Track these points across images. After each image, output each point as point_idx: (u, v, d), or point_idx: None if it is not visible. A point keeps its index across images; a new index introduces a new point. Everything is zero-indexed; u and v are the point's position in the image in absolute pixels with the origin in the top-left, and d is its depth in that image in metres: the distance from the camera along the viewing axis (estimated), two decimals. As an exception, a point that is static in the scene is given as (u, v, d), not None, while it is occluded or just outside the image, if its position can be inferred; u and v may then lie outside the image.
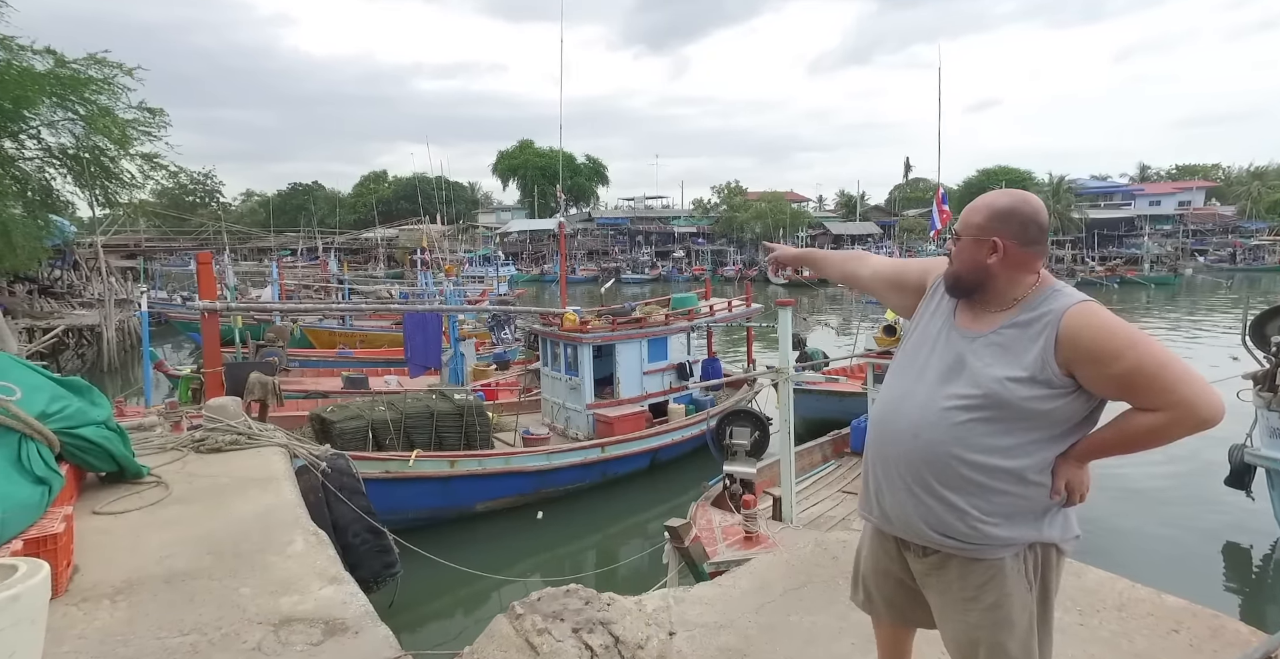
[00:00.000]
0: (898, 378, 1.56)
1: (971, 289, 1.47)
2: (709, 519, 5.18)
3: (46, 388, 3.45)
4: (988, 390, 1.38)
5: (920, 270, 1.69)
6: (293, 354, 13.54)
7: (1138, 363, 1.29)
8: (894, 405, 1.53)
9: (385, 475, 6.41)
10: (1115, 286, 38.40)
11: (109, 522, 3.27)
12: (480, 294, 23.03)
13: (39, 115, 16.90)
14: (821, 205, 71.80)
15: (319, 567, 2.79)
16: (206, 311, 5.62)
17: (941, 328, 1.52)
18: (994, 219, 1.44)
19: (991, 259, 1.43)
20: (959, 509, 1.40)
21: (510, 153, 64.63)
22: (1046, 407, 1.35)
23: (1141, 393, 1.31)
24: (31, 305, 19.24)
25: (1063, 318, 1.35)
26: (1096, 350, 1.31)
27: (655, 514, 8.50)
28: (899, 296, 1.73)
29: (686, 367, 9.97)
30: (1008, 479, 1.38)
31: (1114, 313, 1.38)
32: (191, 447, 4.29)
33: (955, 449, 1.39)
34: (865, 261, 1.88)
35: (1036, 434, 1.38)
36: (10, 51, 16.70)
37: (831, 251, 2.06)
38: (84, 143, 18.01)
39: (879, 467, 1.55)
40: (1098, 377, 1.33)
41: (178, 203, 46.86)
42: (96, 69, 17.38)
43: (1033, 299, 1.42)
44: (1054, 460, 1.39)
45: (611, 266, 50.38)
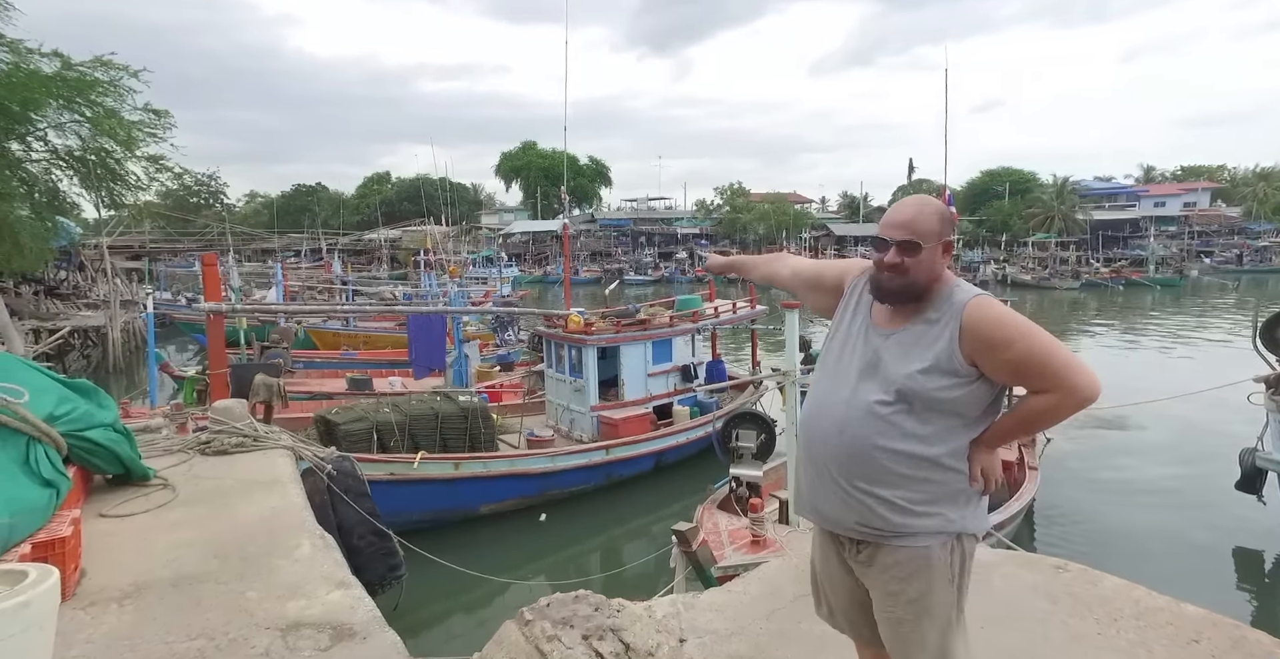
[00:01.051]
0: (823, 378, 1.61)
1: (921, 294, 1.51)
2: (715, 522, 5.16)
3: (54, 390, 3.45)
4: (902, 385, 1.45)
5: (838, 271, 1.74)
6: (297, 355, 13.56)
7: (1028, 349, 1.40)
8: (819, 404, 1.58)
9: (390, 477, 6.41)
10: (1120, 288, 38.22)
11: (116, 524, 3.27)
12: (483, 295, 23.05)
13: (46, 117, 17.00)
14: (824, 206, 71.77)
15: (326, 571, 2.78)
16: (212, 313, 5.62)
17: (860, 327, 1.58)
18: (944, 222, 1.51)
19: (943, 261, 1.51)
20: (885, 500, 1.46)
21: (513, 154, 64.73)
22: (955, 394, 1.44)
23: (1033, 377, 1.42)
24: (38, 306, 19.32)
25: (964, 310, 1.44)
26: (994, 338, 1.41)
27: (660, 517, 8.48)
28: (818, 296, 1.79)
29: (691, 369, 9.94)
30: (928, 467, 1.45)
31: (1111, 308, 1.39)
32: (197, 449, 4.28)
33: (878, 440, 1.46)
34: (785, 262, 1.94)
35: (949, 421, 1.46)
36: (18, 54, 16.80)
37: (755, 256, 2.14)
38: (90, 145, 18.10)
39: (809, 464, 1.61)
40: (995, 363, 1.42)
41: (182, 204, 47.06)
42: (102, 71, 17.45)
43: (939, 295, 1.49)
44: (968, 447, 1.48)
45: (614, 268, 50.39)
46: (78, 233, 23.76)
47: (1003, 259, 47.64)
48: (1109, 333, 23.15)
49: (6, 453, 2.98)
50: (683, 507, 8.82)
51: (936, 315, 1.48)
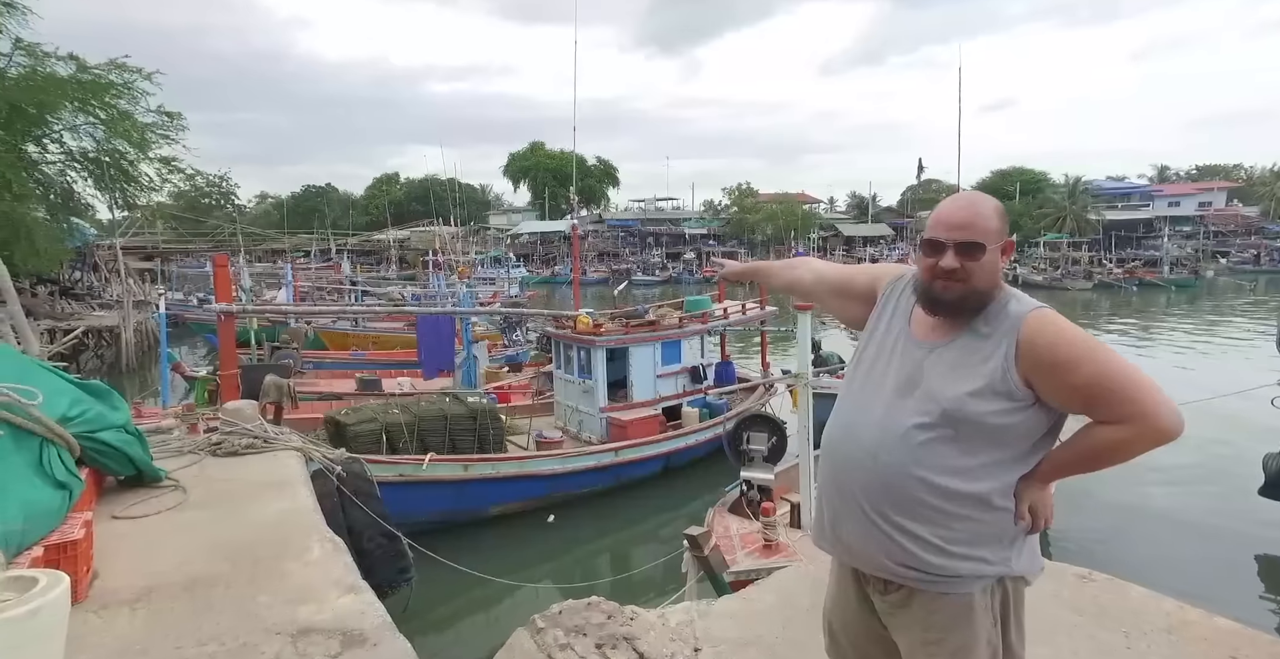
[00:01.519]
0: (852, 395, 1.44)
1: (983, 306, 1.33)
2: (726, 526, 5.12)
3: (67, 392, 3.45)
4: (947, 406, 1.28)
5: (869, 278, 1.57)
6: (307, 356, 13.62)
7: (1097, 372, 1.22)
8: (847, 425, 1.41)
9: (399, 479, 6.40)
10: (1134, 289, 37.80)
11: (128, 526, 3.26)
12: (491, 296, 23.09)
13: (61, 120, 17.21)
14: (832, 207, 71.45)
15: (336, 575, 2.76)
16: (223, 314, 5.63)
17: (896, 339, 1.41)
18: (1004, 220, 1.35)
19: (1004, 264, 1.36)
20: (921, 539, 1.29)
21: (521, 155, 64.89)
22: (1007, 421, 1.27)
23: (1103, 404, 1.23)
24: (53, 307, 19.55)
25: (1022, 324, 1.27)
26: (1057, 358, 1.24)
27: (669, 519, 8.44)
28: (846, 305, 1.62)
29: (700, 370, 9.90)
30: (972, 504, 1.28)
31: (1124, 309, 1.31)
32: (208, 450, 4.28)
33: (917, 471, 1.28)
34: (809, 267, 1.77)
35: (999, 453, 1.29)
36: (35, 58, 17.01)
37: (775, 262, 1.94)
38: (104, 146, 18.32)
39: (834, 492, 1.42)
40: (1056, 387, 1.25)
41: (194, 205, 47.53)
42: (117, 74, 17.66)
43: (991, 306, 1.32)
44: (1017, 483, 1.30)
45: (622, 269, 50.38)
46: (92, 234, 24.05)
47: (1013, 260, 47.20)
48: (1123, 335, 22.89)
49: (20, 455, 2.98)
50: (692, 509, 8.78)
51: (988, 329, 1.30)
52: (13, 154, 16.25)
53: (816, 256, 15.53)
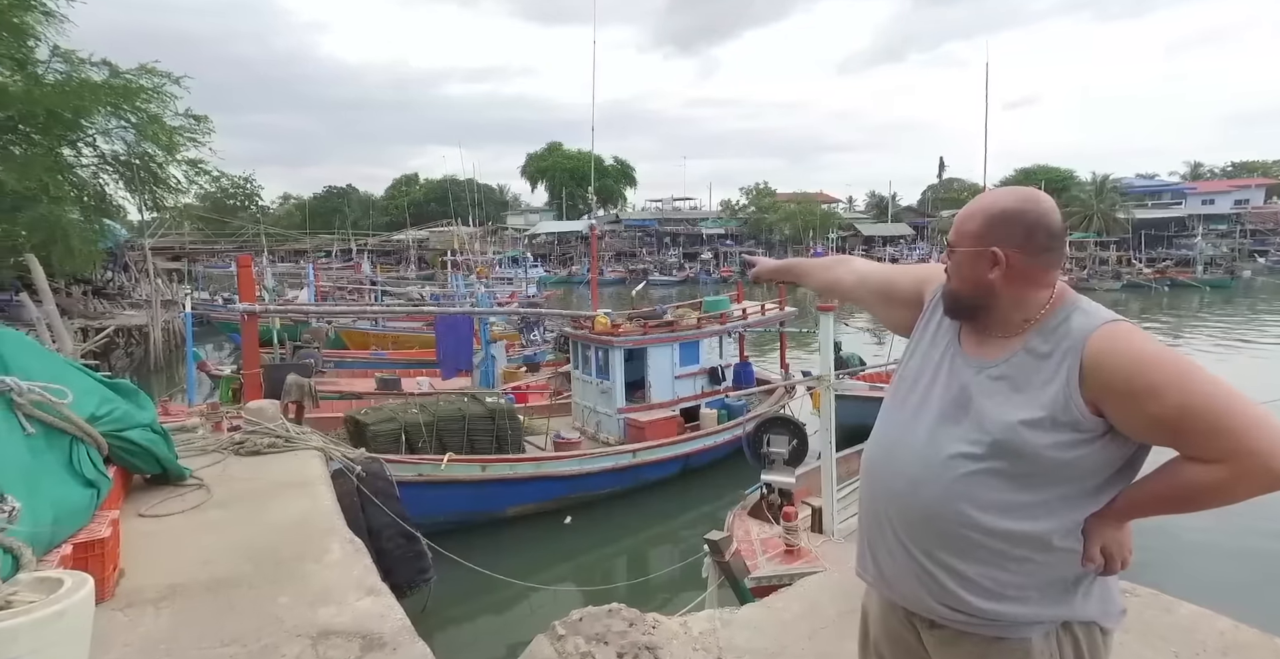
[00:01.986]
0: (893, 413, 1.29)
1: (972, 311, 1.22)
2: (747, 530, 5.06)
3: (96, 391, 3.50)
4: (999, 437, 1.12)
5: (915, 280, 1.42)
6: (328, 355, 13.79)
7: (1185, 401, 1.02)
8: (888, 449, 1.27)
9: (418, 479, 6.43)
10: (1165, 290, 36.83)
11: (154, 524, 3.30)
12: (509, 296, 23.20)
13: (95, 124, 17.65)
14: (851, 206, 70.75)
15: (356, 576, 2.75)
16: (246, 314, 5.70)
17: (944, 354, 1.25)
18: (994, 225, 1.18)
19: (993, 274, 1.17)
20: (968, 580, 1.15)
21: (539, 155, 65.20)
22: (1072, 455, 1.10)
23: (1193, 439, 1.04)
24: (86, 306, 20.02)
25: (1086, 343, 1.10)
26: (1131, 384, 1.05)
27: (687, 521, 8.38)
28: (890, 310, 1.47)
29: (719, 371, 9.83)
30: (1029, 545, 1.13)
31: (1155, 310, 1.17)
32: (231, 449, 4.33)
33: (963, 508, 1.14)
34: (849, 267, 1.61)
35: (1063, 489, 1.12)
36: (71, 64, 17.48)
37: (813, 260, 1.80)
38: (134, 149, 18.73)
39: (871, 522, 1.29)
40: (1134, 417, 1.07)
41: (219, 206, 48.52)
42: (147, 78, 18.07)
43: (1048, 320, 1.16)
44: (1086, 520, 1.14)
45: (639, 268, 50.36)
46: (123, 235, 24.60)
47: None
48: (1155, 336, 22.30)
49: (52, 453, 3.03)
50: (710, 511, 8.71)
51: (1047, 347, 1.14)
52: (50, 158, 16.70)
53: None
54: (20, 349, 3.24)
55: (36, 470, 2.82)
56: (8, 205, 15.24)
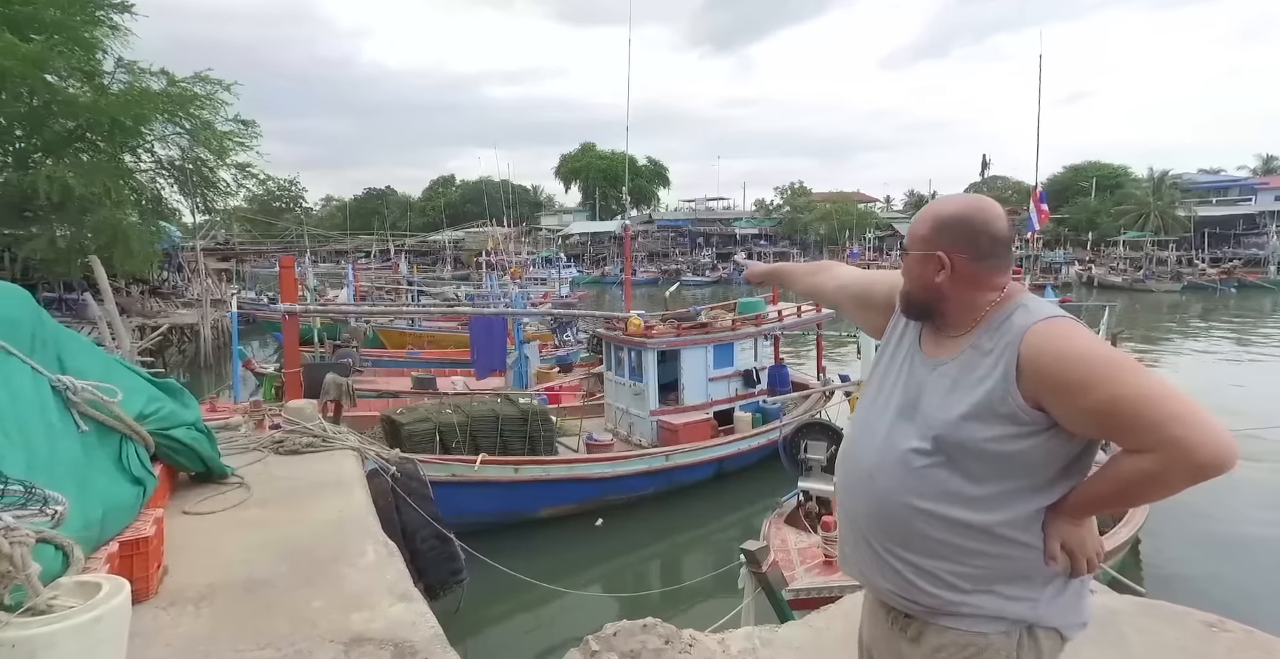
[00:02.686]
0: (861, 413, 1.36)
1: (923, 311, 1.29)
2: (784, 539, 4.93)
3: (144, 389, 3.59)
4: (942, 432, 1.17)
5: (889, 285, 1.44)
6: (366, 354, 14.07)
7: (1114, 393, 1.05)
8: (852, 445, 1.34)
9: (451, 479, 6.47)
10: (1232, 291, 34.81)
11: (197, 522, 3.36)
12: (542, 296, 23.37)
13: (153, 131, 18.48)
14: (889, 206, 69.27)
15: (389, 581, 2.75)
16: (287, 314, 5.80)
17: (906, 355, 1.31)
18: (939, 230, 1.23)
19: (939, 277, 1.22)
20: (924, 571, 1.19)
21: (573, 156, 65.65)
22: (1015, 448, 1.13)
23: (1124, 431, 1.07)
24: (143, 305, 20.89)
25: (1024, 338, 1.13)
26: (1064, 378, 1.08)
27: (721, 526, 8.26)
28: (866, 315, 1.52)
29: (754, 373, 9.67)
30: (979, 537, 1.15)
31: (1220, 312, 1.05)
32: (272, 448, 4.40)
33: (911, 499, 1.18)
34: (832, 273, 1.65)
35: (1010, 483, 1.15)
36: (133, 74, 18.36)
37: (799, 264, 1.87)
38: (188, 154, 19.54)
39: (843, 517, 1.36)
40: (1069, 411, 1.10)
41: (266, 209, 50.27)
42: (200, 86, 18.84)
43: (993, 318, 1.20)
44: (1042, 515, 1.16)
45: (672, 269, 50.24)
46: (178, 236, 25.65)
47: (1088, 259, 44.60)
48: (1220, 340, 21.15)
49: (103, 450, 3.10)
50: (744, 516, 8.57)
51: (990, 344, 1.17)
52: (113, 164, 17.55)
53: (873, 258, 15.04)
54: (76, 348, 3.33)
55: (88, 468, 2.89)
56: (75, 209, 16.09)
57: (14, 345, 2.99)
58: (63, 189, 15.32)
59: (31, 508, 1.60)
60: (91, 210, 16.19)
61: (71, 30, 16.74)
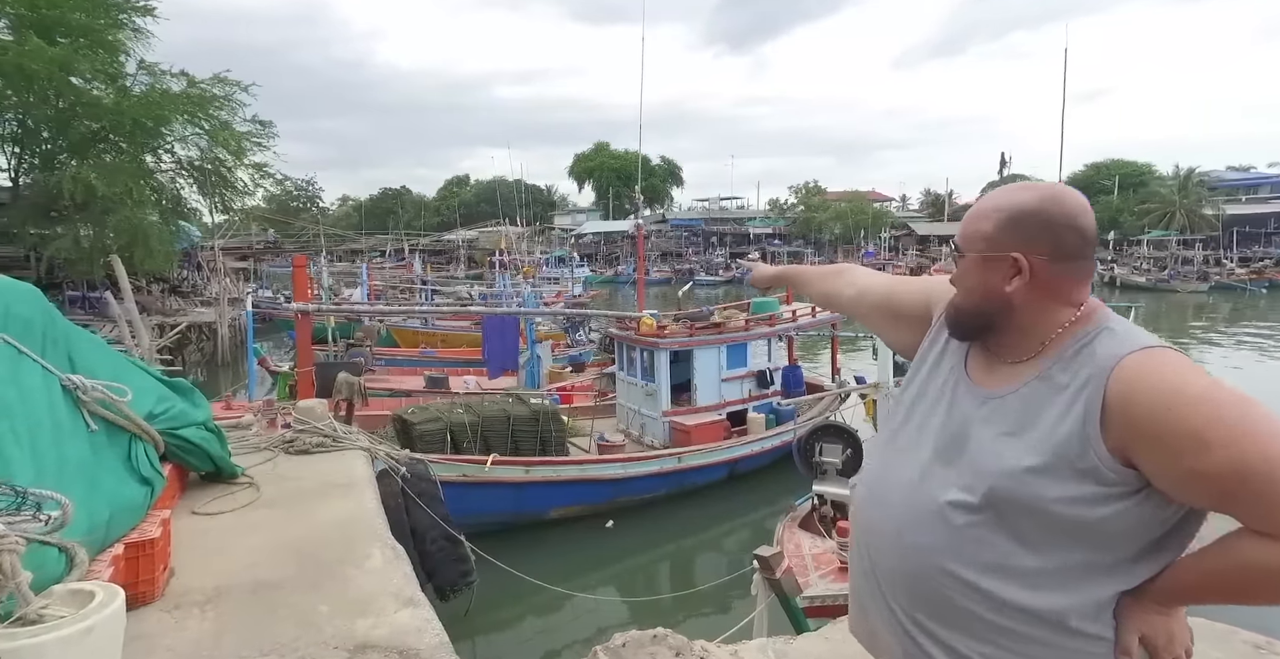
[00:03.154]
0: (886, 446, 1.11)
1: (979, 329, 1.02)
2: (798, 543, 4.83)
3: (154, 389, 3.58)
4: (997, 484, 0.91)
5: (920, 294, 1.21)
6: (380, 353, 14.14)
7: (1240, 455, 0.78)
8: (876, 488, 1.08)
9: (462, 479, 6.44)
10: (1263, 292, 33.87)
11: (206, 522, 3.34)
12: (555, 295, 23.37)
13: (173, 132, 18.79)
14: (905, 205, 68.54)
15: (395, 586, 2.70)
16: (300, 313, 5.81)
17: (947, 381, 1.06)
18: (1011, 226, 0.96)
19: (1011, 285, 0.96)
20: (958, 654, 0.94)
21: (586, 155, 65.69)
22: (1094, 514, 0.87)
23: (1251, 507, 0.80)
24: (163, 303, 21.18)
25: (1112, 373, 0.87)
26: (1167, 430, 0.82)
27: (732, 527, 8.18)
28: (893, 329, 1.27)
29: (767, 374, 9.56)
30: (1037, 624, 0.90)
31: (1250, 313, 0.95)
32: (282, 447, 4.38)
33: (949, 565, 0.94)
34: (849, 277, 1.39)
35: (1082, 556, 0.89)
36: (154, 76, 18.68)
37: (812, 267, 1.65)
38: (207, 155, 19.82)
39: (858, 571, 1.10)
40: (1170, 472, 0.83)
41: (284, 208, 50.85)
42: (219, 87, 19.12)
43: (1069, 343, 0.94)
44: (1118, 599, 0.90)
45: (685, 268, 50.09)
46: (197, 236, 26.01)
47: (1109, 259, 43.79)
48: (1242, 344, 20.64)
49: (112, 450, 3.09)
50: (757, 518, 8.47)
51: (1065, 377, 0.91)
52: (134, 165, 17.85)
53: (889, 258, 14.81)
54: (87, 347, 3.32)
55: (97, 467, 2.87)
56: (98, 210, 16.39)
57: (26, 344, 2.99)
58: (86, 189, 15.63)
59: (25, 513, 1.56)
60: (113, 210, 16.48)
61: (96, 33, 17.08)
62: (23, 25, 16.17)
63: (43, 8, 16.25)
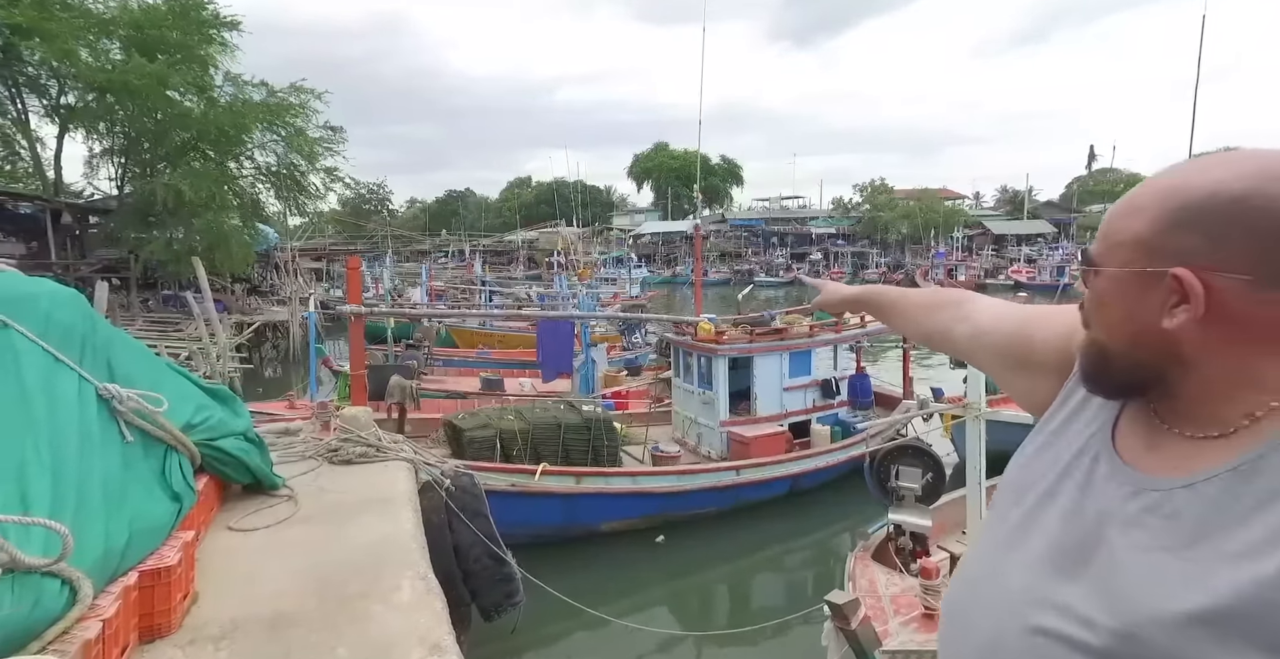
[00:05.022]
0: (987, 535, 0.78)
1: (1129, 384, 0.67)
2: (872, 580, 4.32)
3: (194, 397, 3.47)
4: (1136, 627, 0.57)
5: (1066, 333, 0.80)
6: (438, 353, 14.27)
7: None
8: (967, 591, 0.76)
9: (511, 489, 6.23)
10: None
11: (238, 540, 3.19)
12: (612, 297, 23.20)
13: (252, 139, 19.81)
14: (979, 203, 64.94)
15: (422, 627, 2.43)
16: (353, 315, 5.73)
17: (1083, 452, 0.71)
18: (1185, 223, 0.59)
19: (1173, 319, 0.60)
20: None
21: (645, 155, 65.64)
22: None
23: None
24: (243, 303, 22.33)
25: None
26: None
27: (793, 548, 7.65)
28: (1021, 378, 0.88)
29: (833, 383, 8.96)
30: None
31: None
32: (326, 456, 4.25)
33: None
34: (963, 308, 1.00)
35: None
36: (238, 87, 19.77)
37: (904, 290, 1.18)
38: (283, 160, 20.78)
39: None
40: None
41: (357, 211, 53.14)
42: (295, 96, 20.04)
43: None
44: None
45: (744, 269, 49.16)
46: (274, 238, 27.38)
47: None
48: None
49: (146, 463, 2.96)
50: (821, 538, 7.91)
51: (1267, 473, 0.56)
52: (218, 171, 18.92)
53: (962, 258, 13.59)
54: (127, 354, 3.22)
55: (126, 482, 2.74)
56: (186, 214, 17.44)
57: (65, 352, 2.89)
58: (176, 195, 16.66)
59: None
60: (199, 214, 17.47)
61: (189, 49, 18.19)
62: (130, 45, 17.45)
63: (146, 28, 17.48)
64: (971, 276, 41.03)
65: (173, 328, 16.19)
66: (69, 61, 16.56)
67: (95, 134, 19.40)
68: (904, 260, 49.59)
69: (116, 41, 18.01)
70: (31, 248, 18.57)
